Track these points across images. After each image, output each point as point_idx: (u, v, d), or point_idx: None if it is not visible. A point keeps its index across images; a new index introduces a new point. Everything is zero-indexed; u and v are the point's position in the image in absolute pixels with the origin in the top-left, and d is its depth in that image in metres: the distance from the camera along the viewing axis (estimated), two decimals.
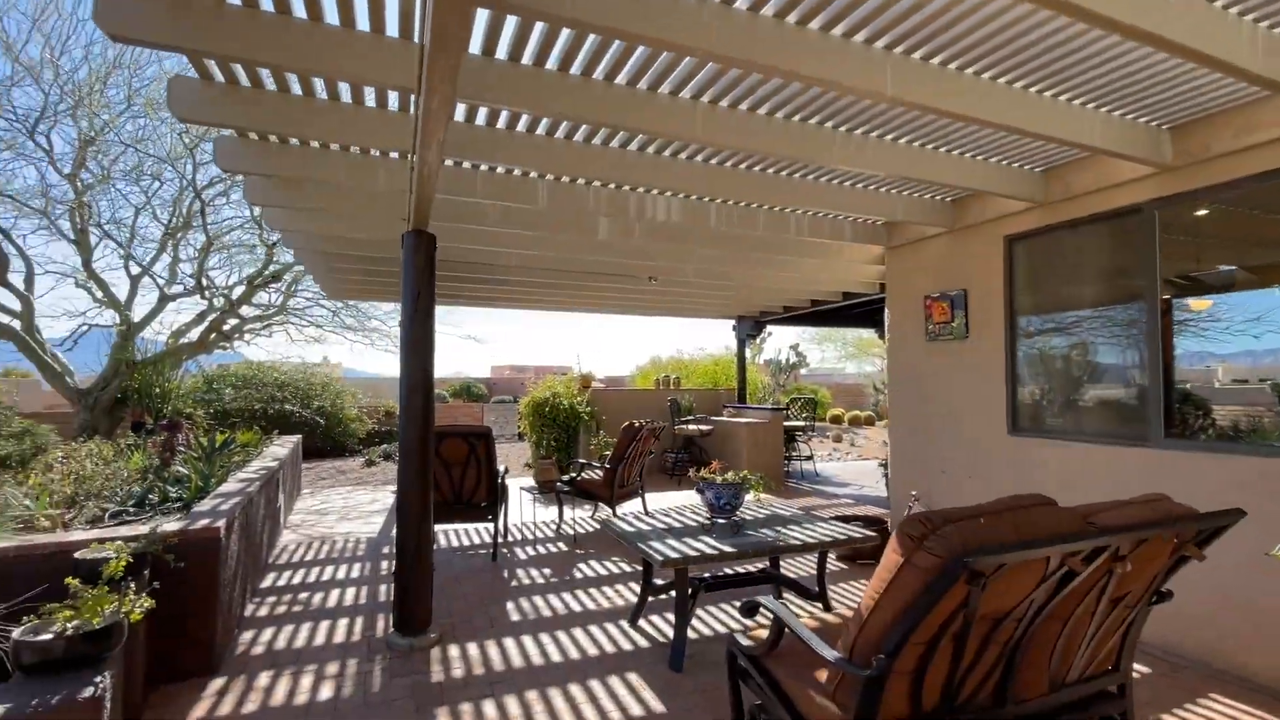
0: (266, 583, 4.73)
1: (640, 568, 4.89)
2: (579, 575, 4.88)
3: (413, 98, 2.98)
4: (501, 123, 3.44)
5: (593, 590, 4.53)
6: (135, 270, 9.65)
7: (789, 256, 5.91)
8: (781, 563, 4.60)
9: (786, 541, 3.53)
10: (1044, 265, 4.38)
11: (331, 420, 12.10)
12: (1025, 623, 1.93)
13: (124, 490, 4.63)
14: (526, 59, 2.74)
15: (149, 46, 2.38)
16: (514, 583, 4.71)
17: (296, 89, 3.03)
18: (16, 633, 1.96)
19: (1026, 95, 3.01)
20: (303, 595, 4.44)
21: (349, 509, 7.41)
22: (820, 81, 2.52)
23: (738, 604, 4.23)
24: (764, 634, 2.59)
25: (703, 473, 3.89)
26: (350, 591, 4.51)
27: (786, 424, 9.68)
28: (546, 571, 4.96)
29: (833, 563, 5.16)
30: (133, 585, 2.37)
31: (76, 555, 2.75)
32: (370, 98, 3.14)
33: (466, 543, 5.90)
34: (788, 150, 3.34)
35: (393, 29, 2.51)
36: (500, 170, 4.13)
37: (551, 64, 2.78)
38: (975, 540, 1.77)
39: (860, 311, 9.21)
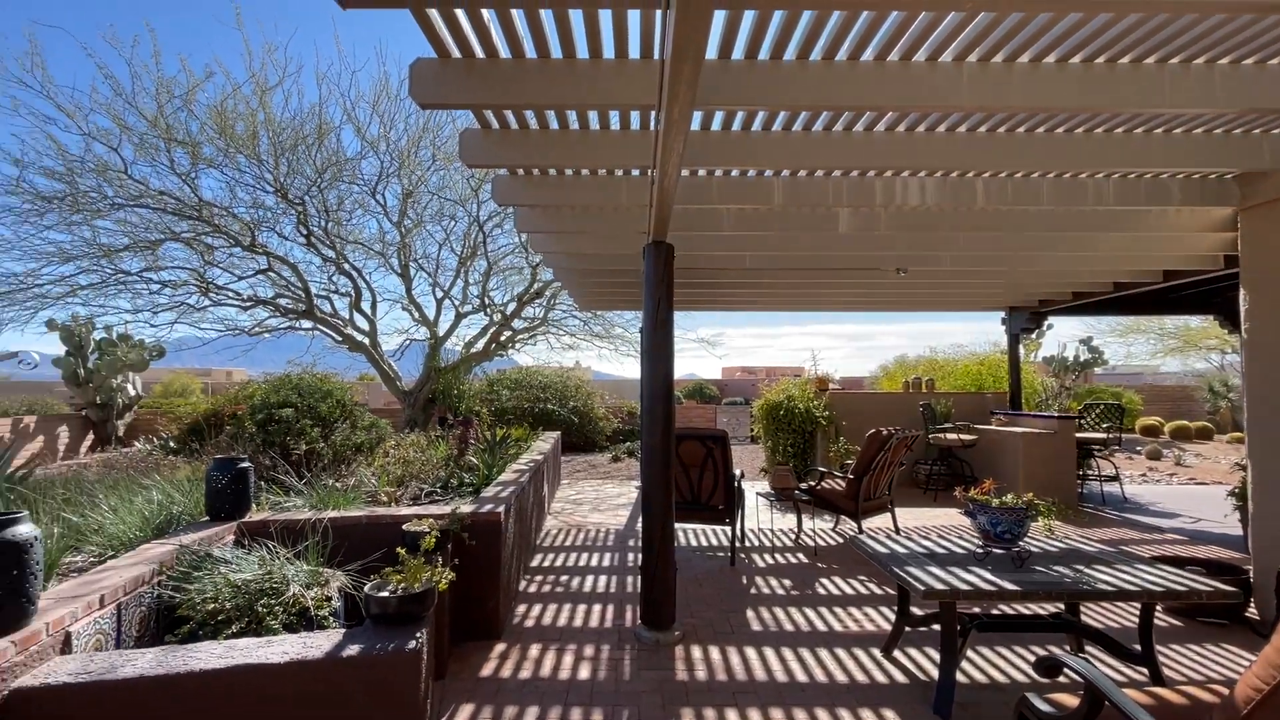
0: (535, 562, 5.38)
1: (893, 592, 4.44)
2: (821, 591, 4.60)
3: (653, 114, 3.09)
4: (737, 125, 3.40)
5: (837, 609, 4.23)
6: (439, 294, 11.93)
7: (1085, 232, 4.83)
8: (1082, 609, 3.75)
9: (1093, 586, 2.85)
10: None
11: (583, 418, 13.44)
12: None
13: (433, 475, 5.68)
14: (763, 54, 2.64)
15: (448, 108, 2.85)
16: (753, 590, 4.63)
17: (554, 124, 3.37)
18: (367, 588, 2.48)
19: None
20: (563, 578, 4.94)
21: (599, 501, 8.10)
22: (1146, 5, 1.96)
23: (1020, 649, 3.57)
24: (1066, 698, 2.11)
25: (972, 493, 3.35)
26: (602, 580, 4.88)
27: (1080, 435, 7.99)
28: (786, 583, 4.78)
29: (1158, 616, 4.06)
30: (440, 558, 2.84)
31: (404, 527, 3.41)
32: (614, 120, 3.34)
33: (705, 544, 6.00)
34: (1092, 100, 2.69)
35: (634, 51, 2.62)
36: (735, 173, 4.10)
37: (790, 54, 2.64)
38: None
39: (1191, 294, 7.19)
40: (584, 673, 3.34)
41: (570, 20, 2.39)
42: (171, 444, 8.52)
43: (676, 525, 6.20)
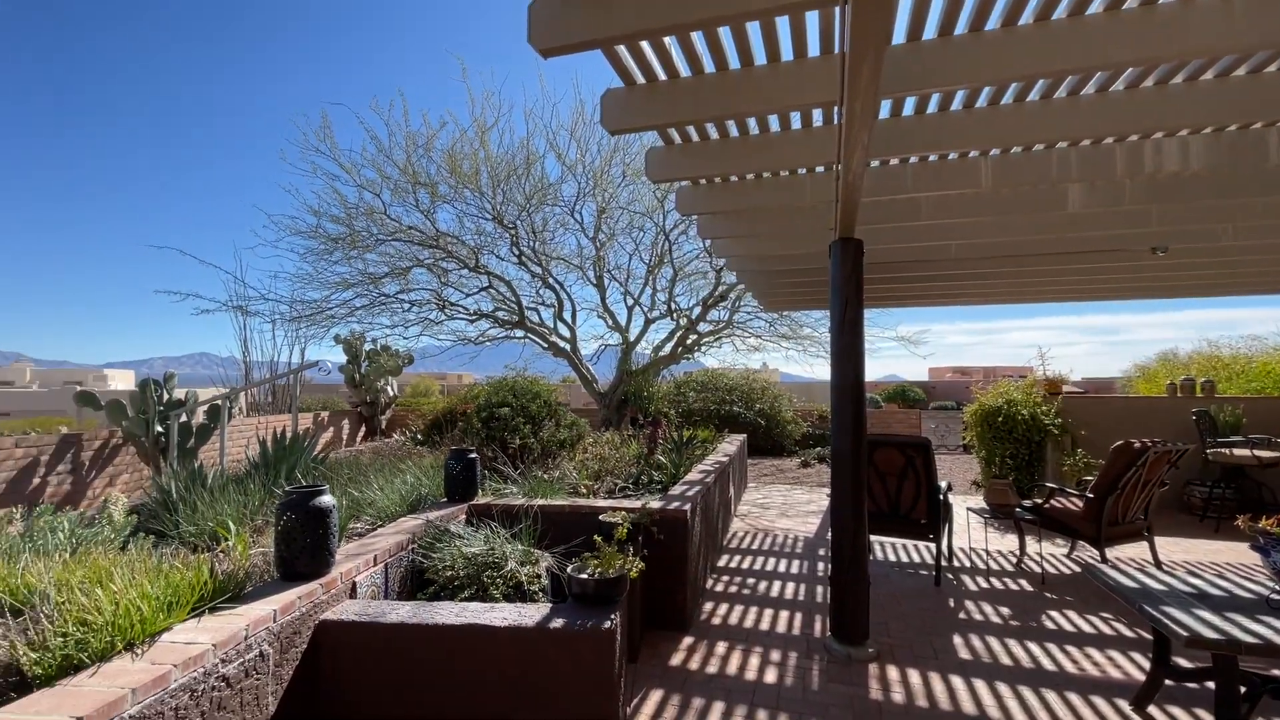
0: (722, 562, 5.45)
1: (1149, 636, 3.71)
2: (1049, 625, 4.00)
3: (835, 109, 2.99)
4: (932, 106, 3.13)
5: (1069, 648, 3.65)
6: (630, 302, 12.65)
7: None
8: None
9: None
10: None
11: (770, 421, 13.22)
12: None
13: (626, 471, 6.05)
14: (960, 28, 2.41)
15: (635, 131, 3.06)
16: (961, 614, 4.19)
17: (734, 132, 3.42)
18: (569, 569, 2.77)
19: None
20: (750, 580, 4.94)
21: (787, 506, 7.93)
22: None
23: None
24: None
25: (1264, 523, 2.68)
26: (790, 586, 4.79)
27: None
28: (1004, 611, 4.24)
29: None
30: (631, 548, 3.04)
31: (600, 518, 3.71)
32: (795, 120, 3.29)
33: (905, 559, 5.56)
34: None
35: (814, 48, 2.57)
36: (933, 158, 3.78)
37: (993, 22, 2.38)
38: None
39: None
40: (770, 676, 3.33)
41: (747, 32, 2.43)
42: (418, 436, 10.21)
43: (873, 538, 5.84)
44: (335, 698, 2.50)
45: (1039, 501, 5.25)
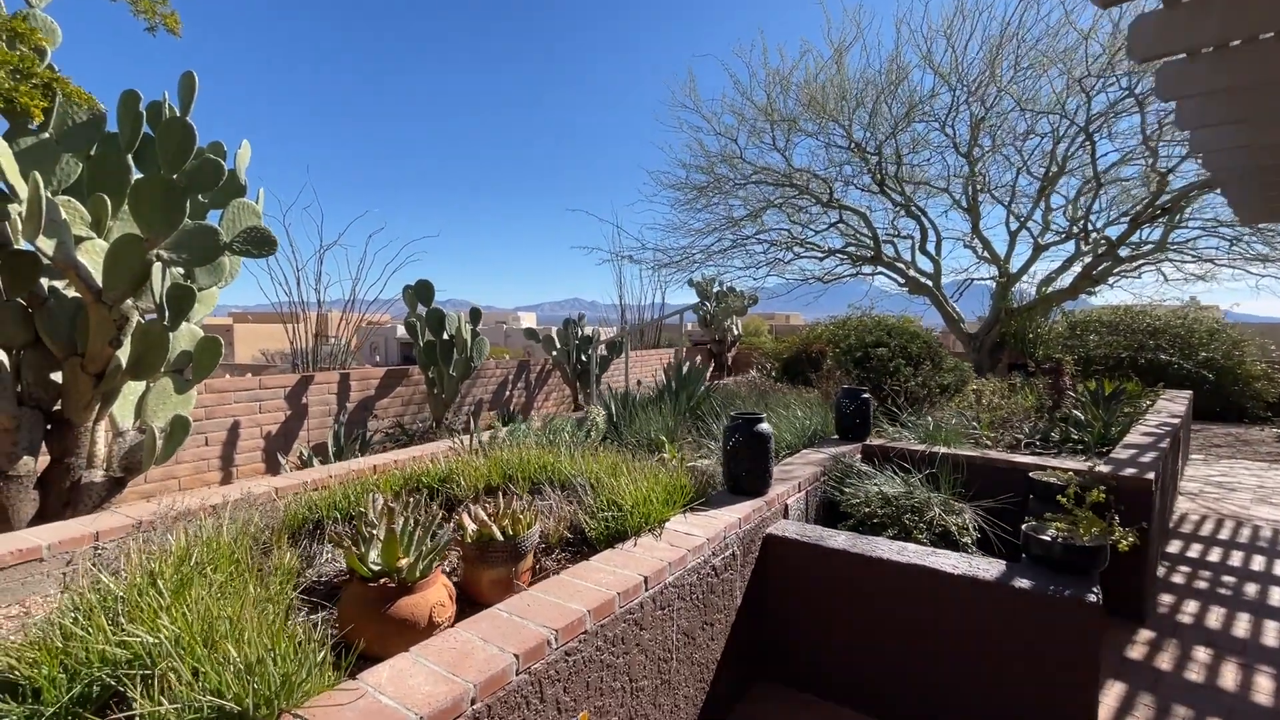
0: (1172, 549, 4.38)
1: None
2: None
3: None
4: None
5: None
6: (1013, 225, 10.64)
7: None
8: None
9: None
10: None
11: (1223, 376, 9.88)
12: None
13: (1025, 424, 5.21)
14: None
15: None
16: None
17: None
18: (1025, 528, 2.49)
19: None
20: (1225, 578, 3.86)
21: (1266, 491, 5.90)
22: None
23: None
24: None
25: None
26: None
27: None
28: None
29: None
30: (1117, 518, 2.53)
31: (1031, 475, 3.27)
32: None
33: None
34: None
35: None
36: None
37: None
38: None
39: None
40: None
41: None
42: (773, 374, 10.64)
43: None
44: (779, 604, 2.79)
45: None
